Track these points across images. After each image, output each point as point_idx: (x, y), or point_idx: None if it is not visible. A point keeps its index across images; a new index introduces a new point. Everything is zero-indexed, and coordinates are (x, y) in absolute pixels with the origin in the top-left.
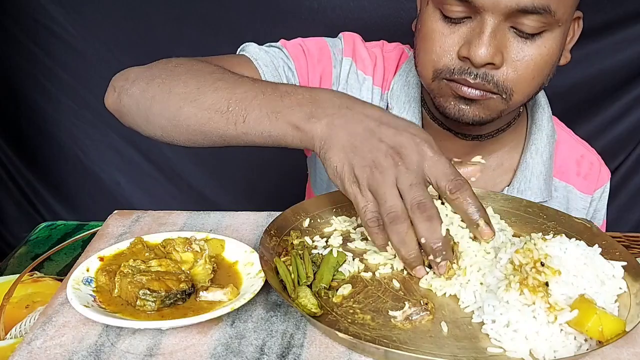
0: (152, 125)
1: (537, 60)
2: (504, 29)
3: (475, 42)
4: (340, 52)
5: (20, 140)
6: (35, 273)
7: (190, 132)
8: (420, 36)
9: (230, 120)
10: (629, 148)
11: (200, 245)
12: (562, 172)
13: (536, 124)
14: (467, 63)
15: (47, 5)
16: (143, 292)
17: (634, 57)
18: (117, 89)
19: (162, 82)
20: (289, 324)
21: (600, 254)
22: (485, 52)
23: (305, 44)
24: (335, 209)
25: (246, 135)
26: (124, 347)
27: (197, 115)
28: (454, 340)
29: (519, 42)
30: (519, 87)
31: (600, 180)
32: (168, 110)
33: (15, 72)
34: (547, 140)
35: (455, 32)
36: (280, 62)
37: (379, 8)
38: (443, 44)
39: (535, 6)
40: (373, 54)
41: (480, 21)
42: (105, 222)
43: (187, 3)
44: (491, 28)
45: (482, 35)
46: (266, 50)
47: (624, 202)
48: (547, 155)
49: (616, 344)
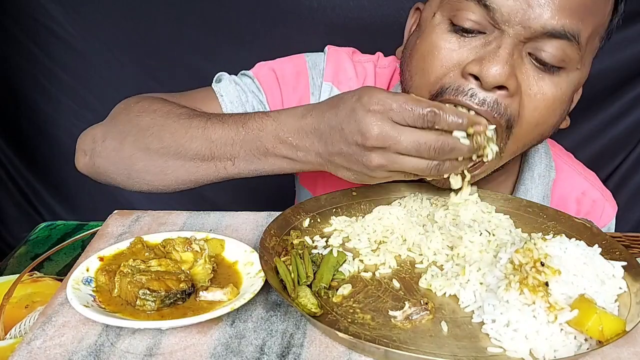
0: (136, 181)
1: (548, 101)
2: (522, 53)
3: (489, 57)
4: (320, 74)
5: (20, 140)
6: (35, 273)
7: (179, 182)
8: (418, 54)
9: (220, 167)
10: (629, 148)
11: (200, 245)
12: None
13: (528, 163)
14: (471, 84)
15: (47, 5)
16: (143, 292)
17: (633, 57)
18: (88, 153)
19: (135, 139)
20: (289, 323)
21: (600, 254)
22: (501, 71)
23: (280, 70)
24: (335, 209)
25: (239, 174)
26: (123, 347)
27: (184, 166)
28: (454, 339)
29: (536, 73)
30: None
31: (604, 219)
32: (152, 167)
33: (15, 72)
34: (540, 181)
35: (464, 46)
36: (250, 95)
37: (379, 8)
38: (448, 60)
39: (566, 30)
40: (363, 71)
41: (498, 37)
42: (105, 222)
43: (187, 3)
44: (511, 46)
45: (499, 52)
46: (237, 83)
47: (624, 202)
48: (539, 197)
49: (616, 344)
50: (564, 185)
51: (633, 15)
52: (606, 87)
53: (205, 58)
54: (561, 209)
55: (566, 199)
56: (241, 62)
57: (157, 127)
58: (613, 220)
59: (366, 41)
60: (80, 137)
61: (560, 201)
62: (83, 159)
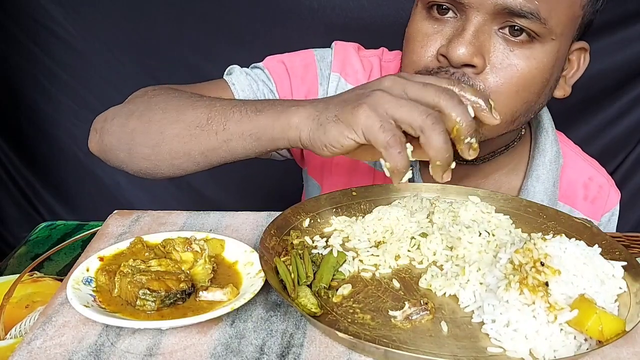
0: (136, 157)
1: (523, 71)
2: (490, 31)
3: (455, 40)
4: (328, 66)
5: (20, 140)
6: (35, 273)
7: (172, 155)
8: (405, 38)
9: (212, 132)
10: (628, 148)
11: (200, 245)
12: (568, 196)
13: (538, 148)
14: (445, 63)
15: (47, 5)
16: (143, 292)
17: (633, 57)
18: (98, 131)
19: (141, 114)
20: (289, 323)
21: (600, 253)
22: (464, 51)
23: (289, 62)
24: (335, 209)
25: (228, 143)
26: (124, 347)
27: (179, 135)
28: (454, 339)
29: (505, 47)
30: (500, 99)
31: (609, 204)
32: (150, 138)
33: (15, 72)
34: (550, 167)
35: (439, 31)
36: (260, 84)
37: (379, 8)
38: (425, 43)
39: (523, 9)
40: (369, 64)
41: (464, 19)
42: (105, 222)
43: (187, 3)
44: (474, 27)
45: (464, 33)
46: (247, 73)
47: (623, 202)
48: (550, 182)
49: (616, 344)
50: (571, 171)
51: (633, 15)
52: (606, 87)
53: (205, 58)
54: (569, 194)
55: (574, 184)
56: (241, 62)
57: (164, 103)
58: (617, 206)
59: (366, 41)
60: (95, 119)
61: (568, 186)
62: (94, 137)
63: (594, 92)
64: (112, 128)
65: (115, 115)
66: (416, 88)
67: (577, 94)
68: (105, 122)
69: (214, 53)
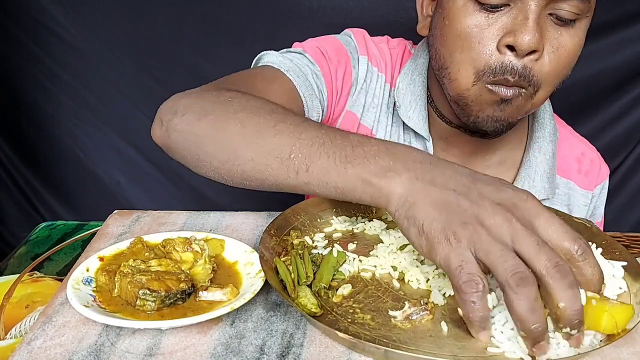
0: (204, 166)
1: (570, 49)
2: (544, 15)
3: (521, 29)
4: (355, 50)
5: (20, 140)
6: (35, 273)
7: (245, 177)
8: (451, 35)
9: (292, 169)
10: (629, 148)
11: (200, 245)
12: (564, 169)
13: (538, 122)
14: (508, 56)
15: (47, 5)
16: (143, 292)
17: (634, 57)
18: (165, 123)
19: (215, 119)
20: (289, 323)
21: (601, 254)
22: (532, 38)
23: (322, 47)
24: (336, 209)
25: (307, 186)
26: (124, 347)
27: (255, 160)
28: (454, 340)
29: (556, 30)
30: (549, 80)
31: (600, 177)
32: (222, 152)
33: (15, 72)
34: (550, 139)
35: (493, 23)
36: (307, 69)
37: (379, 7)
38: (482, 37)
39: None
40: (382, 50)
41: (522, 8)
42: (105, 222)
43: (187, 3)
44: (536, 14)
45: (528, 22)
46: (290, 59)
47: (624, 202)
48: (550, 153)
49: (616, 344)
50: (565, 145)
51: (633, 15)
52: (606, 87)
53: (205, 58)
54: (565, 167)
55: (568, 158)
56: (241, 62)
57: (243, 114)
58: (607, 180)
59: None
60: (163, 105)
61: (563, 160)
62: (159, 129)
63: (594, 92)
64: (181, 125)
65: (187, 110)
66: (527, 244)
67: (577, 93)
68: (175, 116)
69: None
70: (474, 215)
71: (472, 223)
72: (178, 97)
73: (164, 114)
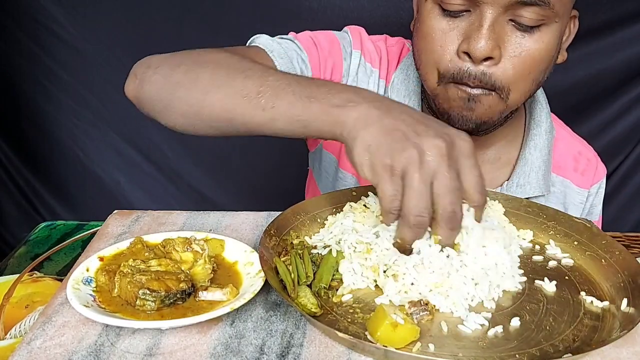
0: (173, 112)
1: (534, 54)
2: (503, 22)
3: (474, 36)
4: (349, 44)
5: (20, 140)
6: (35, 273)
7: (213, 118)
8: (420, 35)
9: (259, 106)
10: (629, 148)
11: (200, 245)
12: (560, 167)
13: (534, 120)
14: (466, 63)
15: (47, 5)
16: (143, 292)
17: (634, 57)
18: (139, 76)
19: (188, 69)
20: (289, 323)
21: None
22: (484, 45)
23: (315, 37)
24: (336, 209)
25: (273, 122)
26: (123, 347)
27: (224, 100)
28: (454, 340)
29: (517, 35)
30: (516, 84)
31: (597, 176)
32: (192, 96)
33: (15, 72)
34: (546, 136)
35: (454, 28)
36: (294, 54)
37: (379, 8)
38: (444, 41)
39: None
40: (378, 47)
41: (479, 14)
42: (105, 222)
43: (187, 3)
44: (490, 21)
45: (481, 29)
46: (279, 42)
47: (624, 202)
48: (545, 151)
49: (616, 344)
50: (562, 144)
51: (633, 15)
52: (606, 87)
53: None
54: (561, 165)
55: (564, 156)
56: None
57: (214, 63)
58: (604, 179)
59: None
60: (137, 63)
61: (559, 158)
62: (133, 83)
63: (594, 92)
64: (155, 77)
65: (161, 64)
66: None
67: (577, 93)
68: (149, 69)
69: None
70: (414, 146)
71: (410, 153)
72: (152, 55)
73: (138, 69)
